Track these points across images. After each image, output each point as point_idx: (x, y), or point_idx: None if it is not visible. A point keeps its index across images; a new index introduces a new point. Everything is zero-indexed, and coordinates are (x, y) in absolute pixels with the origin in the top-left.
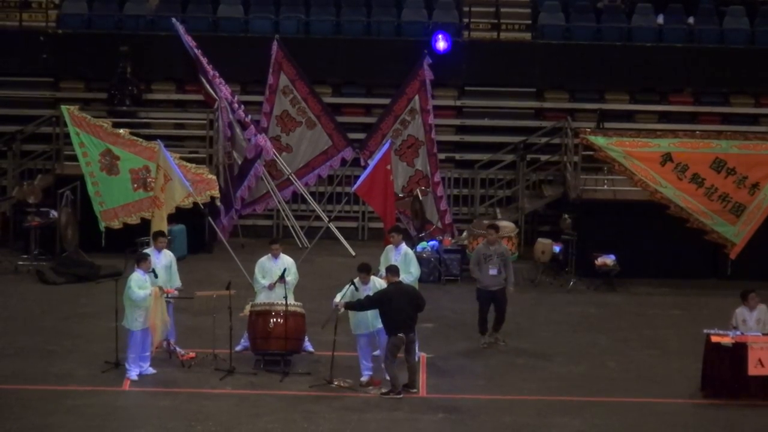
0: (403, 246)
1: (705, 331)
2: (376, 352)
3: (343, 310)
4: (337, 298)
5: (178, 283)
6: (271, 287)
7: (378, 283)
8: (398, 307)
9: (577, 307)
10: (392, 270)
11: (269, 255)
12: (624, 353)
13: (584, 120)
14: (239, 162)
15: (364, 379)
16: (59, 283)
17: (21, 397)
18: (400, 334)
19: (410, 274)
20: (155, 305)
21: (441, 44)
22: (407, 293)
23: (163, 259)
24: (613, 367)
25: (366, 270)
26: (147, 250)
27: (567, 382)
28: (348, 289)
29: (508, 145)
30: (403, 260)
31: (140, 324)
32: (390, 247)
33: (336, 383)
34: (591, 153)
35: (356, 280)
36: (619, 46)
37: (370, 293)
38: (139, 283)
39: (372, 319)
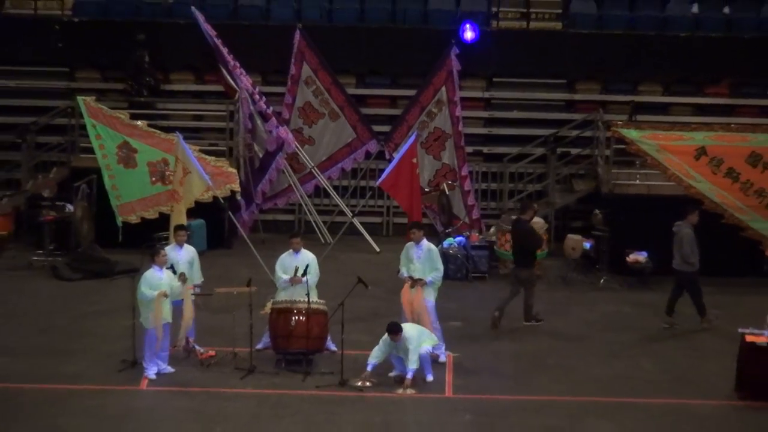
0: (425, 242)
1: (740, 330)
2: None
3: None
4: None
5: (199, 279)
6: (293, 281)
7: (407, 334)
8: (514, 244)
9: (610, 305)
10: (528, 206)
11: (290, 251)
12: (659, 353)
13: (617, 112)
14: (260, 155)
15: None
16: (74, 279)
17: (35, 398)
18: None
19: (438, 270)
20: (158, 307)
21: (469, 33)
22: (523, 231)
23: (185, 254)
24: (648, 367)
25: (396, 331)
26: (168, 247)
27: (599, 383)
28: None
29: (538, 137)
30: (428, 257)
31: (150, 322)
32: (410, 243)
33: (359, 383)
34: (623, 146)
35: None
36: (653, 35)
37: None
38: (151, 282)
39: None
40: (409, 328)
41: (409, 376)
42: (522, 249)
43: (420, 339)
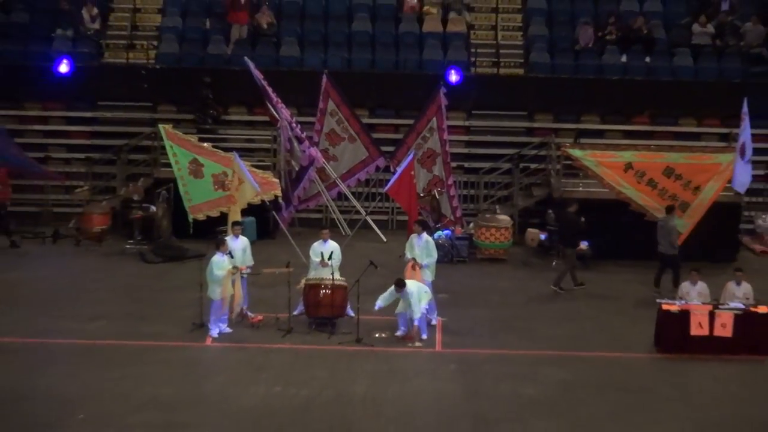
0: (424, 235)
1: (657, 300)
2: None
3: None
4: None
5: (250, 262)
6: (322, 264)
7: (409, 289)
8: (559, 228)
9: (560, 283)
10: (571, 201)
11: (320, 240)
12: (598, 318)
13: (565, 136)
14: (296, 168)
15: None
16: (156, 262)
17: (123, 352)
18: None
19: (431, 257)
20: (227, 282)
21: (453, 77)
22: (567, 219)
23: (240, 243)
24: (589, 328)
25: (400, 285)
26: (227, 237)
27: (553, 341)
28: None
29: (505, 155)
30: (425, 246)
31: (218, 294)
32: (414, 235)
33: (377, 335)
34: (570, 162)
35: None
36: (592, 78)
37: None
38: (219, 265)
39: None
40: (410, 284)
41: (416, 323)
42: (567, 232)
43: (419, 294)
